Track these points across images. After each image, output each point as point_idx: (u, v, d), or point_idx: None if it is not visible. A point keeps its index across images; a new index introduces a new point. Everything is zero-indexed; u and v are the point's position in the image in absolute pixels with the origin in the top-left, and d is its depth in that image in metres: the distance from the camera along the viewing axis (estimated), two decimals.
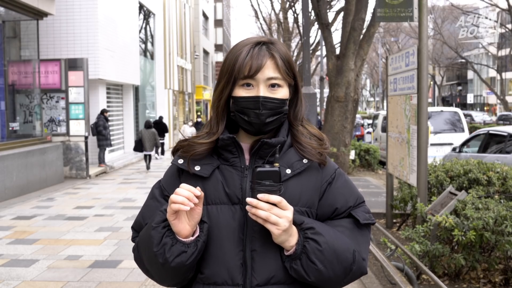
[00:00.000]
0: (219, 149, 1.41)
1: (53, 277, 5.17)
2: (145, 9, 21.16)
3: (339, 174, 1.46)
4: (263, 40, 1.41)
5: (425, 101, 5.65)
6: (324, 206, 1.42)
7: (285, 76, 1.39)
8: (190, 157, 1.41)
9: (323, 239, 1.31)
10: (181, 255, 1.30)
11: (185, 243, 1.31)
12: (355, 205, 1.44)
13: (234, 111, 1.39)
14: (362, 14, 11.78)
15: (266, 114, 1.36)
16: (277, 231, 1.27)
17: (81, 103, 12.97)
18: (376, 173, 14.09)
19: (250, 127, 1.38)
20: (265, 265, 1.34)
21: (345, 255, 1.33)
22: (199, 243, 1.32)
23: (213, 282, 1.36)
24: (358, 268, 1.36)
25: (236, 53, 1.39)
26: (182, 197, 1.25)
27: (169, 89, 24.88)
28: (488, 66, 45.36)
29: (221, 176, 1.39)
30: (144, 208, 1.48)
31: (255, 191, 1.27)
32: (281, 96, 1.38)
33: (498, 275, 4.67)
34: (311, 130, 1.47)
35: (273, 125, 1.39)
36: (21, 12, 11.41)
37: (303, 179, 1.40)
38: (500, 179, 5.91)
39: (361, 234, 1.41)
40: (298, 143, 1.42)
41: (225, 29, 52.43)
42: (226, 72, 1.39)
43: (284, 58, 1.40)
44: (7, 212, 8.54)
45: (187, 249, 1.30)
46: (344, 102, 12.09)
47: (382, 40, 45.18)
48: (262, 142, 1.36)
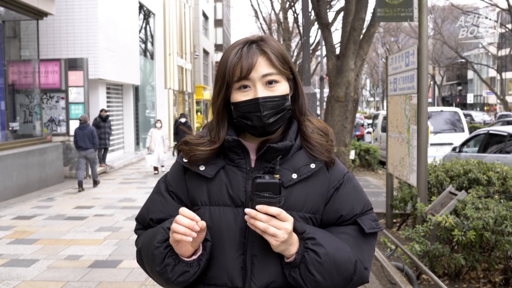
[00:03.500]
0: (225, 149, 1.39)
1: (53, 277, 5.17)
2: (145, 9, 21.16)
3: (347, 179, 1.42)
4: (252, 39, 1.37)
5: (425, 101, 5.65)
6: (330, 212, 1.39)
7: (281, 70, 1.34)
8: (191, 159, 1.39)
9: (323, 251, 1.28)
10: (184, 275, 1.30)
11: (187, 262, 1.30)
12: (361, 213, 1.40)
13: (236, 117, 1.37)
14: (362, 14, 11.77)
15: (268, 115, 1.32)
16: (276, 242, 1.25)
17: (81, 103, 12.97)
18: (376, 173, 14.09)
19: (255, 130, 1.35)
20: (265, 270, 1.33)
21: (345, 266, 1.30)
22: (202, 262, 1.31)
23: (214, 283, 1.35)
24: (359, 278, 1.34)
25: (226, 56, 1.35)
26: (184, 228, 1.22)
27: (169, 89, 24.87)
28: (488, 66, 45.34)
29: (226, 177, 1.36)
30: (149, 201, 1.47)
31: (254, 202, 1.25)
32: (281, 92, 1.34)
33: (498, 275, 4.67)
34: (316, 124, 1.43)
35: (278, 124, 1.35)
36: (21, 12, 11.41)
37: (309, 185, 1.36)
38: (500, 179, 5.91)
39: (366, 243, 1.38)
40: (307, 141, 1.38)
41: (225, 29, 52.42)
42: (219, 77, 1.36)
43: (277, 52, 1.35)
44: (7, 212, 8.54)
45: (190, 269, 1.30)
46: (344, 102, 12.09)
47: (382, 40, 45.16)
48: (268, 147, 1.33)
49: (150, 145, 13.43)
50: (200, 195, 1.37)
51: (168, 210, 1.41)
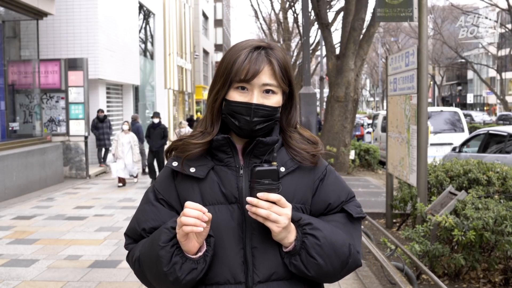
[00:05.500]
0: (212, 150, 1.41)
1: (53, 277, 5.17)
2: (145, 9, 21.17)
3: (329, 171, 1.50)
4: (262, 45, 1.41)
5: (425, 101, 5.65)
6: (318, 202, 1.45)
7: (280, 83, 1.40)
8: (184, 159, 1.41)
9: (322, 234, 1.33)
10: (192, 272, 1.31)
11: (194, 260, 1.31)
12: (347, 200, 1.47)
13: (225, 113, 1.40)
14: (362, 14, 11.79)
15: (256, 122, 1.36)
16: (278, 228, 1.29)
17: (81, 103, 12.96)
18: (376, 173, 14.09)
19: (240, 131, 1.39)
20: (266, 261, 1.36)
21: (342, 249, 1.36)
22: (208, 258, 1.33)
23: (216, 282, 1.36)
24: (353, 261, 1.39)
25: (234, 55, 1.39)
26: (193, 219, 1.24)
27: (169, 89, 24.88)
28: (488, 66, 45.36)
29: (217, 177, 1.40)
30: (139, 212, 1.47)
31: (254, 190, 1.29)
32: (274, 104, 1.39)
33: (498, 275, 4.67)
34: (304, 134, 1.49)
35: (262, 131, 1.39)
36: (21, 12, 11.40)
37: (296, 177, 1.42)
38: (500, 179, 5.91)
39: (354, 228, 1.45)
40: (291, 148, 1.44)
41: (225, 29, 52.43)
42: (223, 74, 1.40)
43: (282, 65, 1.40)
44: (7, 212, 8.54)
45: (197, 266, 1.31)
46: (344, 102, 12.10)
47: (382, 40, 45.18)
48: (257, 141, 1.37)
49: (116, 152, 11.17)
50: (193, 197, 1.39)
51: (161, 218, 1.41)
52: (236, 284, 1.35)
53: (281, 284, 1.37)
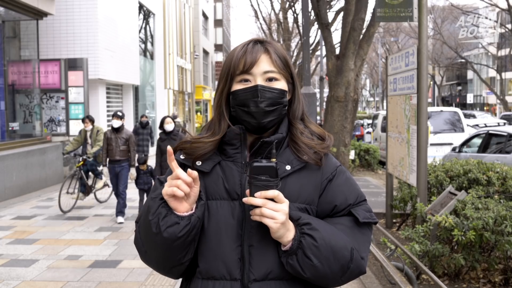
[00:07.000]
0: (222, 144, 1.42)
1: (53, 277, 5.17)
2: (145, 9, 21.16)
3: (340, 171, 1.46)
4: (258, 39, 1.45)
5: (425, 101, 5.65)
6: (324, 203, 1.42)
7: (281, 70, 1.41)
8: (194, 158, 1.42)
9: (320, 235, 1.31)
10: (174, 226, 1.31)
11: (178, 215, 1.32)
12: (355, 203, 1.43)
13: (234, 105, 1.40)
14: (362, 14, 11.78)
15: (265, 103, 1.36)
16: (275, 225, 1.27)
17: (81, 103, 12.97)
18: (376, 173, 14.09)
19: (251, 118, 1.37)
20: (263, 260, 1.35)
21: (342, 253, 1.32)
22: (193, 218, 1.32)
23: (211, 276, 1.37)
24: (356, 267, 1.35)
25: (232, 53, 1.43)
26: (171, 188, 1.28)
27: (169, 89, 24.88)
28: (488, 66, 45.35)
29: (222, 172, 1.40)
30: (149, 201, 1.48)
31: (252, 185, 1.28)
32: (280, 87, 1.40)
33: (498, 275, 4.67)
34: (313, 129, 1.47)
35: (273, 116, 1.38)
36: (21, 12, 11.41)
37: (303, 176, 1.40)
38: (500, 179, 5.91)
39: (361, 233, 1.40)
40: (294, 142, 1.43)
41: (225, 29, 52.42)
42: (225, 72, 1.42)
43: (280, 54, 1.42)
44: (7, 212, 8.54)
45: (180, 221, 1.31)
46: (344, 102, 12.10)
47: (382, 40, 45.16)
48: (262, 142, 1.37)
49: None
50: None
51: None
52: (231, 281, 1.35)
53: (278, 283, 1.35)
